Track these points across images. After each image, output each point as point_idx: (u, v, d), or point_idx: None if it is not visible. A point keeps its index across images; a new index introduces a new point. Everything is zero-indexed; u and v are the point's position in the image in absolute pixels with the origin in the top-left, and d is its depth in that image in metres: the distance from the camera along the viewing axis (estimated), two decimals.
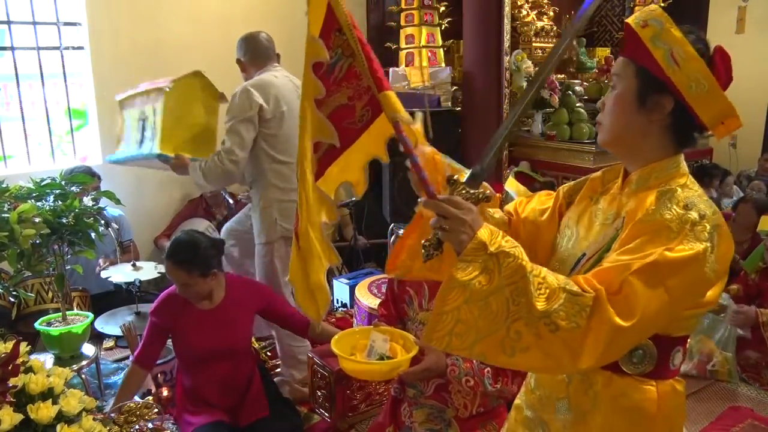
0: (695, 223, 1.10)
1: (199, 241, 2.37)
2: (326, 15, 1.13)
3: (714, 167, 5.40)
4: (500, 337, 1.06)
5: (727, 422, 2.78)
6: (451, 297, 1.06)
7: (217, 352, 2.41)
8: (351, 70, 1.15)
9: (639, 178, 1.23)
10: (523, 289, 1.05)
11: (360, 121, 1.16)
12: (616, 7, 6.30)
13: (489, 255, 1.06)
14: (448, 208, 1.09)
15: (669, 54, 1.13)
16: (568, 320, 1.04)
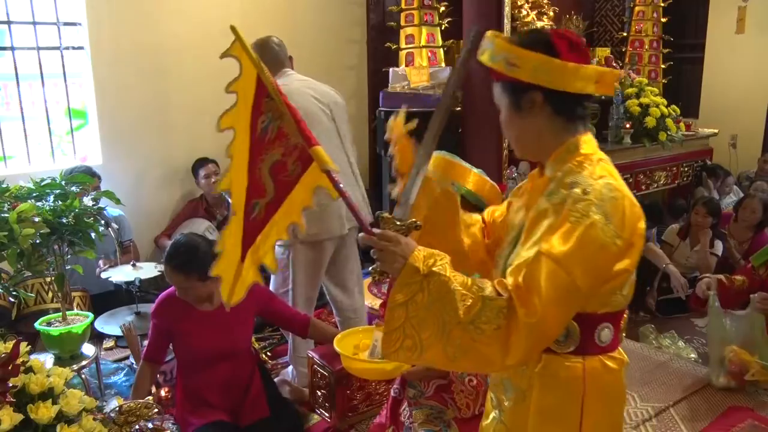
0: (577, 200, 1.19)
1: (198, 244, 2.37)
2: (257, 84, 1.30)
3: (718, 167, 5.41)
4: (442, 345, 1.18)
5: (727, 422, 2.78)
6: (396, 316, 1.20)
7: (218, 353, 2.42)
8: (281, 131, 1.32)
9: (547, 169, 1.34)
10: (450, 301, 1.18)
11: (292, 173, 1.33)
12: (616, 7, 6.30)
13: (423, 276, 1.20)
14: (379, 243, 1.24)
15: (506, 62, 1.27)
16: (490, 323, 1.16)
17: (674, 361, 3.36)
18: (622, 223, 1.19)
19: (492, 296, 1.17)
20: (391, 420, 2.13)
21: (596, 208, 1.17)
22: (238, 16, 4.56)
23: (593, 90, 1.28)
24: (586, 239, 1.15)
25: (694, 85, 6.43)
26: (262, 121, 1.32)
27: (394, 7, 4.93)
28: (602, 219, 1.16)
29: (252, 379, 2.49)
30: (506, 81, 1.31)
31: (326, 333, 2.68)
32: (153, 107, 4.26)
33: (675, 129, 4.96)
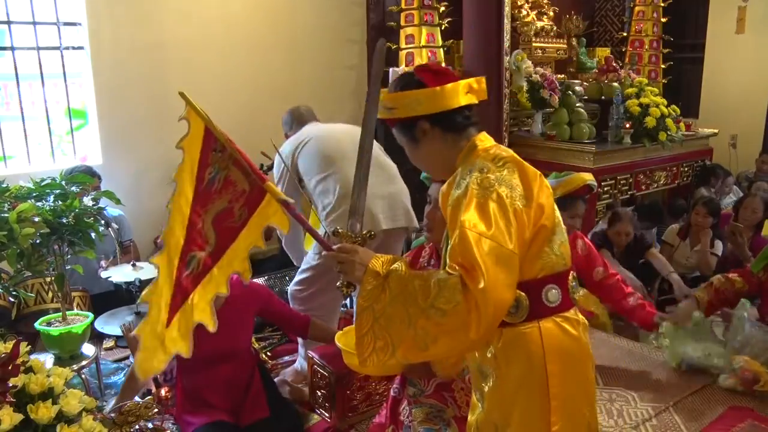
0: (479, 179, 1.33)
1: None
2: (204, 139, 1.39)
3: (718, 167, 5.41)
4: (411, 338, 1.25)
5: (727, 422, 2.78)
6: (364, 320, 1.29)
7: (218, 354, 2.41)
8: (227, 180, 1.38)
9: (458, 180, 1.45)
10: (410, 292, 1.26)
11: (239, 219, 1.38)
12: (616, 7, 6.31)
13: (383, 278, 1.29)
14: (339, 255, 1.35)
15: (386, 109, 1.52)
16: (449, 302, 1.22)
17: None
18: (521, 184, 1.36)
19: (444, 277, 1.24)
20: (390, 419, 2.13)
21: (497, 182, 1.32)
22: (238, 16, 4.56)
23: (467, 100, 1.47)
24: (498, 210, 1.29)
25: (694, 85, 6.43)
26: (209, 172, 1.40)
27: (394, 7, 4.93)
28: (506, 190, 1.32)
29: (252, 379, 2.49)
30: (396, 122, 1.52)
31: (327, 333, 2.68)
32: (153, 107, 4.26)
33: (675, 129, 4.97)
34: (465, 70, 4.64)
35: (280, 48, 4.76)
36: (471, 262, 1.23)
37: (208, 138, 1.39)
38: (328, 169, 2.93)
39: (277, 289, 3.88)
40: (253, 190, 1.36)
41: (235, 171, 1.37)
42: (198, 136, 1.40)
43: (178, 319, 1.41)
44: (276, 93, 4.69)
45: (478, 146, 1.46)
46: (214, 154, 1.38)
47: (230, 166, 1.37)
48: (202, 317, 1.41)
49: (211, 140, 1.38)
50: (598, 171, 4.40)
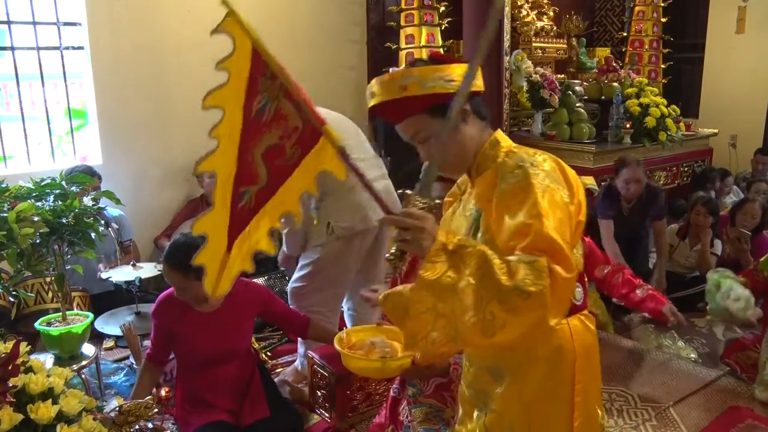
0: (534, 174, 1.27)
1: (198, 244, 2.36)
2: (252, 62, 1.20)
3: (713, 171, 5.40)
4: (479, 322, 1.14)
5: (727, 422, 2.78)
6: (424, 297, 1.17)
7: (218, 355, 2.41)
8: (278, 112, 1.22)
9: (477, 169, 1.41)
10: (488, 271, 1.15)
11: (291, 158, 1.23)
12: (616, 7, 6.31)
13: (450, 252, 1.17)
14: (406, 221, 1.19)
15: (443, 80, 1.30)
16: (535, 285, 1.14)
17: (674, 361, 3.36)
18: (570, 186, 1.32)
19: (531, 259, 1.16)
20: (390, 419, 2.13)
21: (549, 179, 1.27)
22: None
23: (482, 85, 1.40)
24: (556, 203, 1.25)
25: (694, 85, 6.43)
26: (258, 101, 1.23)
27: (394, 7, 4.93)
28: (557, 185, 1.28)
29: (252, 379, 2.49)
30: (434, 105, 1.32)
31: (327, 333, 2.68)
32: (153, 107, 4.26)
33: (675, 129, 4.97)
34: None
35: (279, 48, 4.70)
36: (556, 248, 1.18)
37: (257, 61, 1.20)
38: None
39: (277, 289, 3.88)
40: (306, 128, 1.21)
41: (287, 104, 1.21)
42: (245, 57, 1.21)
43: (239, 244, 1.29)
44: None
45: (501, 143, 1.40)
46: (264, 80, 1.21)
47: (281, 98, 1.21)
48: (261, 246, 1.28)
49: (260, 64, 1.20)
50: (598, 171, 4.40)
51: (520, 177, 1.27)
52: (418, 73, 1.30)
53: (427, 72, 1.30)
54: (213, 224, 1.28)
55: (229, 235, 1.29)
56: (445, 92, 1.29)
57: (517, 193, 1.26)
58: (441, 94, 1.29)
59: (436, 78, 1.30)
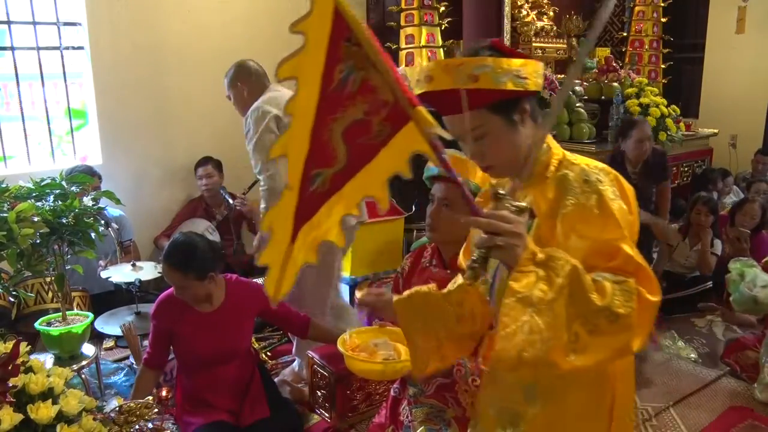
0: (599, 190, 1.21)
1: (197, 243, 2.36)
2: (333, 24, 1.02)
3: (713, 172, 5.40)
4: (564, 342, 1.07)
5: (727, 422, 2.78)
6: (517, 312, 1.06)
7: (219, 355, 2.41)
8: (365, 84, 1.05)
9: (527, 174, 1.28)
10: (580, 288, 1.07)
11: (378, 136, 1.07)
12: (616, 7, 6.30)
13: (539, 262, 1.08)
14: (500, 225, 1.07)
15: (516, 77, 1.19)
16: (624, 307, 1.08)
17: (674, 361, 3.36)
18: (626, 197, 1.24)
19: (621, 279, 1.10)
20: (390, 419, 2.13)
21: (612, 193, 1.21)
22: (239, 17, 4.56)
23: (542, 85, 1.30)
24: (626, 221, 1.20)
25: (694, 85, 6.43)
26: (340, 70, 1.06)
27: (394, 7, 4.93)
28: (620, 200, 1.21)
29: (252, 380, 2.49)
30: (499, 100, 1.22)
31: (327, 333, 2.68)
32: (153, 107, 4.26)
33: (675, 129, 4.97)
34: None
35: (280, 48, 4.71)
36: (643, 271, 1.13)
37: (339, 24, 1.03)
38: None
39: None
40: (398, 103, 1.06)
41: (376, 75, 1.05)
42: (325, 18, 1.03)
43: (304, 233, 1.15)
44: None
45: (553, 149, 1.31)
46: (348, 46, 1.04)
47: (369, 67, 1.04)
48: (330, 236, 1.15)
49: (342, 27, 1.03)
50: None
51: (592, 193, 1.20)
52: (493, 64, 1.18)
53: (501, 64, 1.18)
54: (279, 215, 1.12)
55: (294, 223, 1.13)
56: (516, 90, 1.19)
57: (591, 210, 1.19)
58: (510, 91, 1.19)
59: (510, 73, 1.19)
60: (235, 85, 3.03)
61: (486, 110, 1.23)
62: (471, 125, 1.23)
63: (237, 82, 3.02)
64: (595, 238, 1.17)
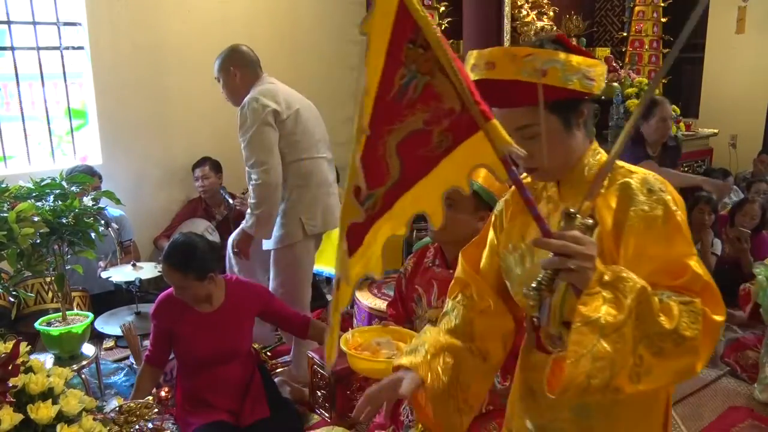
0: (663, 200, 1.16)
1: (196, 243, 2.36)
2: (395, 23, 0.91)
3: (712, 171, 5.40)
4: (629, 366, 1.03)
5: (727, 422, 2.78)
6: (585, 337, 1.01)
7: (219, 355, 2.41)
8: (428, 90, 0.96)
9: (573, 178, 1.25)
10: (648, 310, 1.03)
11: (438, 147, 0.98)
12: (616, 7, 6.30)
13: (605, 284, 1.03)
14: (573, 247, 1.01)
15: (584, 78, 1.13)
16: (691, 329, 1.04)
17: None
18: (684, 211, 1.19)
19: (687, 299, 1.06)
20: (390, 419, 2.12)
21: (674, 203, 1.17)
22: (239, 17, 4.56)
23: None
24: (689, 233, 1.17)
25: (694, 85, 6.43)
26: (402, 75, 0.96)
27: None
28: (681, 211, 1.17)
29: (252, 380, 2.49)
30: (559, 99, 1.14)
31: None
32: (153, 107, 4.26)
33: (675, 129, 4.96)
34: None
35: (280, 48, 4.75)
36: (711, 291, 1.09)
37: (404, 22, 0.92)
38: (311, 152, 2.88)
39: None
40: (465, 113, 0.96)
41: (442, 80, 0.95)
42: (387, 17, 0.92)
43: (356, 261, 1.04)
44: None
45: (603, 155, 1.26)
46: (412, 49, 0.94)
47: (436, 72, 0.95)
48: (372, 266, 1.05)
49: (407, 26, 0.92)
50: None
51: (658, 204, 1.15)
52: (564, 60, 1.10)
53: (572, 61, 1.10)
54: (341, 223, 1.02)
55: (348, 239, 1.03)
56: (580, 91, 1.12)
57: (658, 223, 1.14)
58: (573, 91, 1.12)
59: (580, 72, 1.11)
60: (228, 69, 2.92)
61: (548, 109, 1.14)
62: (525, 121, 1.16)
63: (230, 66, 2.91)
64: (662, 255, 1.12)
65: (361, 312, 3.32)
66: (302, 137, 2.86)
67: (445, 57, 0.94)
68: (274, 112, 2.77)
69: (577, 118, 1.21)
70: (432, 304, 1.99)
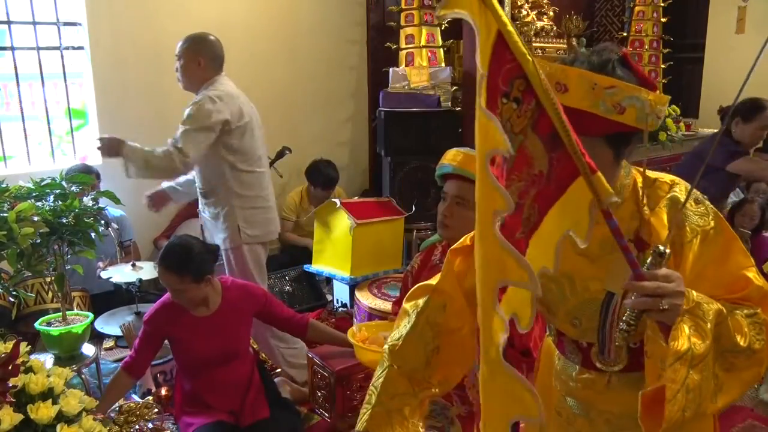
0: (710, 208, 1.16)
1: (193, 245, 2.34)
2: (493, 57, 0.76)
3: None
4: (711, 388, 1.02)
5: (727, 422, 2.78)
6: (680, 373, 0.98)
7: (217, 357, 2.41)
8: (522, 153, 0.81)
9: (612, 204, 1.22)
10: (726, 332, 1.02)
11: (526, 226, 0.84)
12: (616, 7, 6.30)
13: (686, 311, 1.00)
14: (667, 287, 0.97)
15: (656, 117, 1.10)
16: (759, 341, 1.05)
17: None
18: None
19: (751, 312, 1.06)
20: None
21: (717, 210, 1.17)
22: (239, 17, 4.56)
23: None
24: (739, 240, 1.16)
25: (694, 85, 6.42)
26: None
27: (394, 7, 4.93)
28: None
29: (252, 380, 2.49)
30: (619, 132, 1.09)
31: (325, 334, 2.68)
32: (153, 107, 4.26)
33: (675, 129, 4.97)
34: (466, 71, 4.64)
35: (280, 48, 4.76)
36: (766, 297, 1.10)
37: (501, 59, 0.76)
38: (254, 166, 2.93)
39: (277, 289, 3.89)
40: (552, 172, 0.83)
41: (534, 139, 0.81)
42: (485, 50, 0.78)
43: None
44: (276, 93, 4.69)
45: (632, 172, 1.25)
46: (506, 104, 0.78)
47: (528, 130, 0.80)
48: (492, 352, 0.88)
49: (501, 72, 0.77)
50: None
51: (709, 216, 1.14)
52: (645, 100, 1.05)
53: (651, 102, 1.06)
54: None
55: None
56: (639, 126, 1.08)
57: (713, 236, 1.12)
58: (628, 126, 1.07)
59: (655, 112, 1.08)
60: (195, 58, 2.87)
61: (603, 140, 1.10)
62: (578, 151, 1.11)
63: (199, 57, 2.87)
64: (722, 270, 1.11)
65: (361, 312, 3.32)
66: (249, 151, 2.91)
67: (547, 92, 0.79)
68: (224, 122, 2.78)
69: (625, 148, 1.17)
70: None
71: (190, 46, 2.89)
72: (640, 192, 1.18)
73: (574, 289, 1.22)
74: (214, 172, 2.89)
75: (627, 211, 1.18)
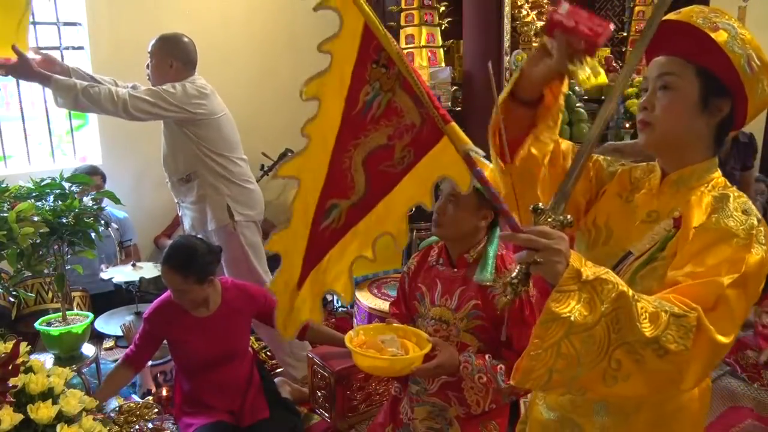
0: (754, 227, 1.11)
1: (197, 246, 2.35)
2: (361, 44, 0.98)
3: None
4: (602, 369, 1.02)
5: (727, 422, 2.78)
6: (551, 332, 0.99)
7: (217, 358, 2.40)
8: (391, 106, 1.00)
9: (680, 179, 1.23)
10: (626, 315, 1.01)
11: (400, 163, 1.01)
12: (616, 7, 6.30)
13: (583, 283, 1.00)
14: (540, 240, 1.00)
15: (746, 60, 1.11)
16: (677, 343, 1.01)
17: None
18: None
19: (680, 312, 1.02)
20: (390, 418, 2.12)
21: (765, 239, 1.11)
22: (239, 17, 4.56)
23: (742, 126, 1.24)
24: (763, 267, 1.11)
25: None
26: (366, 92, 1.01)
27: (394, 7, 4.93)
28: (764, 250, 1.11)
29: (251, 380, 2.49)
30: (712, 71, 1.13)
31: (325, 335, 2.67)
32: None
33: None
34: (466, 71, 4.64)
35: (280, 48, 4.75)
36: (730, 309, 1.05)
37: (368, 42, 0.98)
38: (236, 153, 2.99)
39: None
40: (424, 126, 0.99)
41: (403, 96, 1.00)
42: (353, 38, 0.99)
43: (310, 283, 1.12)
44: (276, 93, 4.69)
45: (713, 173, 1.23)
46: (375, 69, 1.00)
47: (396, 88, 0.99)
48: (336, 286, 1.09)
49: (371, 46, 0.99)
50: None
51: (746, 230, 1.10)
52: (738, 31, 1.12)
53: (744, 36, 1.12)
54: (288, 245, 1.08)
55: (303, 264, 1.10)
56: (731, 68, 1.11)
57: (727, 238, 1.10)
58: (725, 64, 1.11)
59: (745, 51, 1.11)
60: (167, 60, 2.88)
61: (691, 66, 1.15)
62: (669, 69, 1.17)
63: (172, 60, 2.89)
64: (709, 274, 1.07)
65: (361, 312, 3.32)
66: (231, 137, 2.98)
67: (405, 67, 0.97)
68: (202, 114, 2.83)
69: (715, 106, 1.16)
70: (435, 303, 1.99)
71: (162, 46, 2.90)
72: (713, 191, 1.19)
73: (608, 240, 1.30)
74: (196, 160, 2.91)
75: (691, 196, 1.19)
